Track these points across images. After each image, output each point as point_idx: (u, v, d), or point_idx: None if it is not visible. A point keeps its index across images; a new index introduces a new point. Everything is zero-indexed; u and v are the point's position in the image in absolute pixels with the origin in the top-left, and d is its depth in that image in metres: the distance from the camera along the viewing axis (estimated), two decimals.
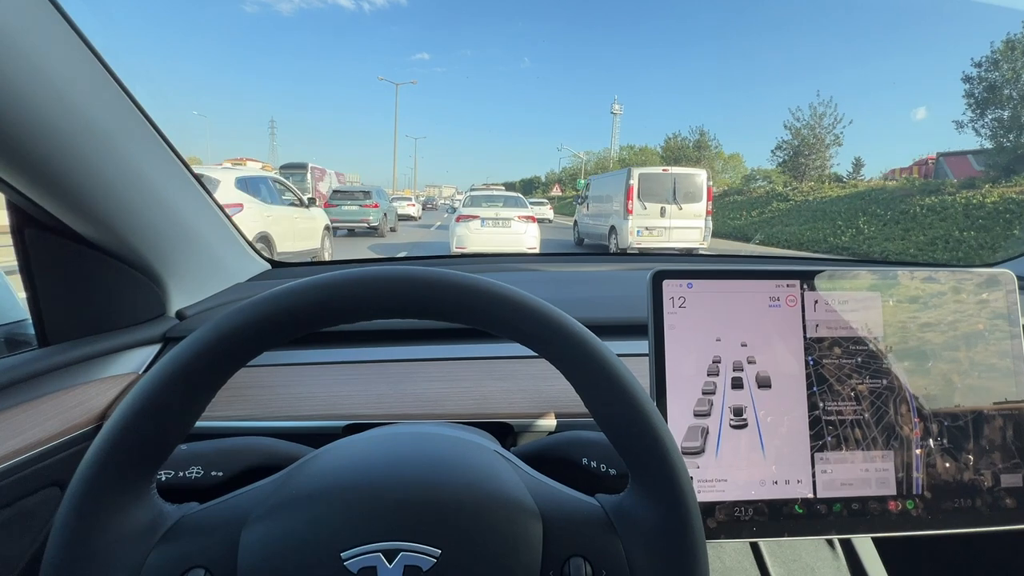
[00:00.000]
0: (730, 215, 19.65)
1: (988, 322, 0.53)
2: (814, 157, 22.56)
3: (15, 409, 0.54)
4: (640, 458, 0.34)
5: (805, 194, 18.46)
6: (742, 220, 18.73)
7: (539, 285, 1.00)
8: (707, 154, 30.98)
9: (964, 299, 0.53)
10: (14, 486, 0.51)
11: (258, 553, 0.33)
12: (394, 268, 0.33)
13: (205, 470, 0.49)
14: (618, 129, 59.89)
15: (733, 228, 18.36)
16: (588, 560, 0.34)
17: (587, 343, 0.34)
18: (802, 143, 22.95)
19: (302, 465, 0.39)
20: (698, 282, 0.51)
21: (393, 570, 0.32)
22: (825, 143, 22.65)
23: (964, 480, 0.51)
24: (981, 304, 0.54)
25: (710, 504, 0.48)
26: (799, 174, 22.33)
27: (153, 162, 0.67)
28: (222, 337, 0.32)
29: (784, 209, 17.97)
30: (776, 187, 20.89)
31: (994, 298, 0.54)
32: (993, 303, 0.54)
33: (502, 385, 0.68)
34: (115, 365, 0.67)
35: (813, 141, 22.62)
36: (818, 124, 22.56)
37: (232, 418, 0.62)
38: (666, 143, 33.14)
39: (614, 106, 61.58)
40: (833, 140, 22.62)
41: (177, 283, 0.76)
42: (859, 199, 15.72)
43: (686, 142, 31.81)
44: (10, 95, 0.46)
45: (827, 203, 16.62)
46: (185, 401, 0.32)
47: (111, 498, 0.31)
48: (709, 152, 31.19)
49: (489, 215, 8.20)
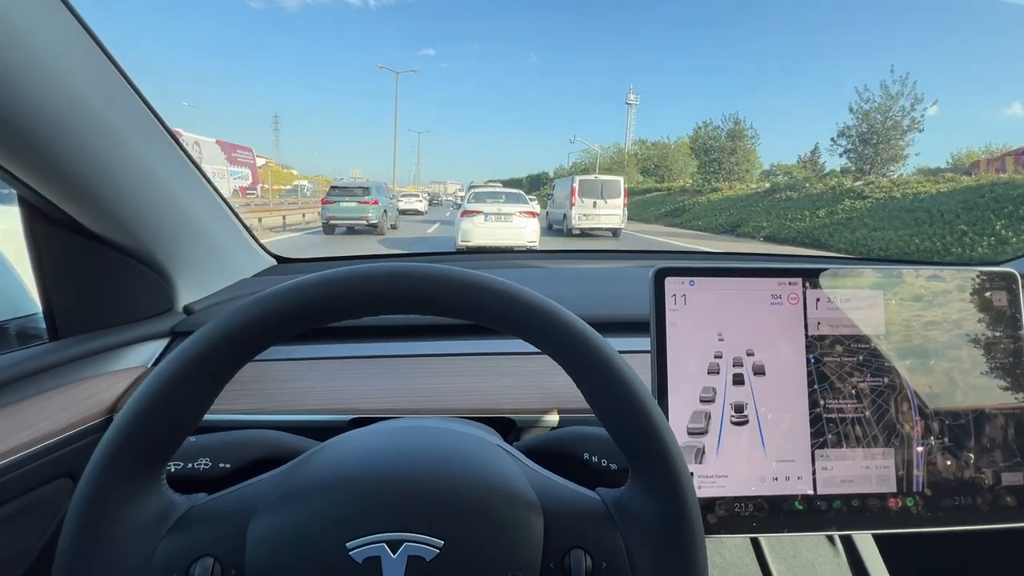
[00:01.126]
0: (788, 216, 16.10)
1: (991, 321, 0.53)
2: (886, 146, 19.22)
3: (28, 401, 0.55)
4: (640, 453, 0.34)
5: (887, 190, 14.49)
6: (807, 222, 15.18)
7: (542, 282, 1.01)
8: (742, 145, 27.14)
9: (967, 298, 0.53)
10: (27, 476, 0.52)
11: (265, 543, 0.33)
12: (398, 264, 0.34)
13: (213, 462, 0.50)
14: (633, 120, 56.69)
15: (797, 232, 14.78)
16: (588, 552, 0.34)
17: (589, 339, 0.34)
18: (871, 129, 19.52)
19: (308, 457, 0.39)
20: (700, 279, 0.51)
21: (397, 560, 0.33)
22: (902, 128, 19.08)
23: (965, 478, 0.51)
24: (985, 303, 0.54)
25: (710, 500, 0.49)
26: (866, 165, 19.29)
27: (161, 158, 0.68)
28: (230, 332, 0.32)
29: (863, 208, 14.09)
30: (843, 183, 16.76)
31: (998, 297, 0.54)
32: (997, 302, 0.54)
33: (505, 381, 0.69)
34: (124, 359, 0.68)
35: (888, 126, 19.18)
36: (892, 106, 19.02)
37: (240, 411, 0.63)
38: (695, 133, 29.44)
39: (629, 96, 58.44)
40: (911, 125, 19.05)
41: (185, 278, 0.77)
42: (971, 195, 11.60)
43: (718, 132, 28.05)
44: (21, 93, 0.47)
45: (926, 201, 12.59)
46: (194, 395, 0.33)
47: (122, 488, 0.32)
48: (744, 144, 27.24)
49: (492, 211, 8.75)
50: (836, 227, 14.00)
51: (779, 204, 17.54)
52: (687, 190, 27.14)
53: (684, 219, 21.42)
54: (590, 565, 0.34)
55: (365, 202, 11.92)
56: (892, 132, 19.38)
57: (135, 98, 0.62)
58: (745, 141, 27.50)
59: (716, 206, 21.14)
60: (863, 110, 19.91)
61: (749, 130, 27.89)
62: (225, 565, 0.33)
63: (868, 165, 19.44)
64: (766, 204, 18.14)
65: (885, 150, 19.41)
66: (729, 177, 26.48)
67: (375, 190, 12.39)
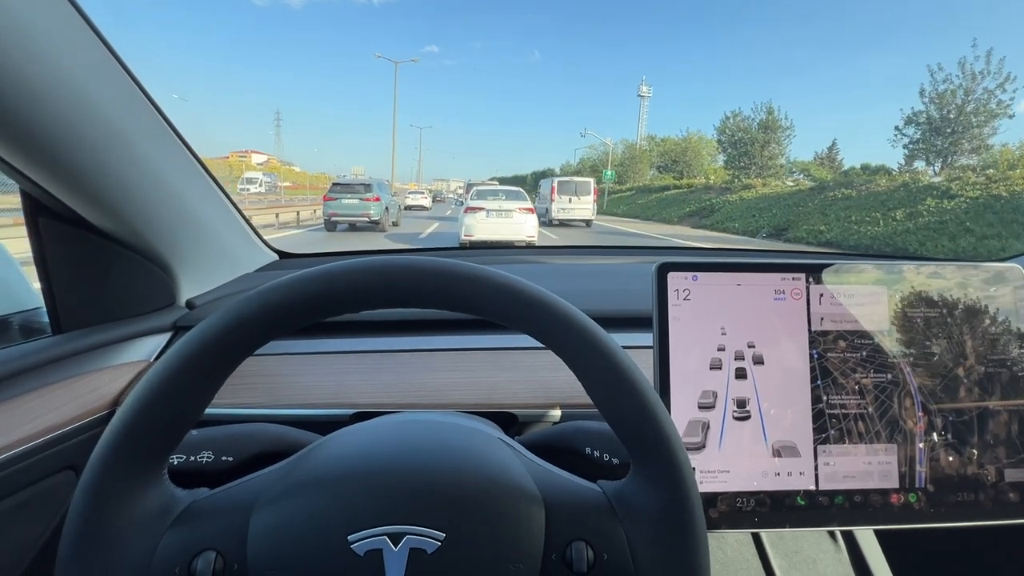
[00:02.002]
0: (852, 218, 13.26)
1: (995, 317, 0.53)
2: (967, 134, 16.22)
3: (31, 394, 0.55)
4: (642, 447, 0.34)
5: (983, 187, 11.66)
6: (881, 226, 12.33)
7: (545, 277, 1.00)
8: (775, 136, 24.61)
9: (972, 294, 0.53)
10: (30, 469, 0.52)
11: (267, 536, 0.33)
12: (399, 258, 0.34)
13: (216, 455, 0.50)
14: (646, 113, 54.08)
15: (871, 238, 12.07)
16: (590, 544, 0.34)
17: (591, 333, 0.34)
18: (946, 115, 16.55)
19: (310, 451, 0.39)
20: (703, 275, 0.51)
21: (398, 553, 0.33)
22: (990, 112, 16.12)
23: (968, 474, 0.51)
24: (989, 299, 0.53)
25: (712, 495, 0.49)
26: (935, 156, 16.59)
27: (164, 153, 0.68)
28: (231, 325, 0.32)
29: (956, 209, 11.41)
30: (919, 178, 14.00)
31: (1001, 293, 0.53)
32: (1000, 298, 0.53)
33: (507, 376, 0.68)
34: (126, 353, 0.68)
35: (970, 111, 16.29)
36: (976, 87, 16.06)
37: (242, 405, 0.63)
38: (722, 124, 26.76)
39: (641, 87, 55.77)
40: (999, 109, 16.02)
41: (187, 273, 0.77)
42: None
43: (748, 123, 25.61)
44: (22, 86, 0.47)
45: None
46: (196, 387, 0.33)
47: (125, 482, 0.32)
48: (777, 135, 24.64)
49: (493, 207, 9.34)
50: (926, 232, 11.39)
51: (834, 204, 15.01)
52: (712, 187, 24.62)
53: (715, 220, 19.42)
54: (591, 557, 0.34)
55: (367, 199, 12.02)
56: (975, 117, 16.38)
57: (137, 91, 0.62)
58: (779, 133, 24.73)
59: (752, 205, 19.03)
60: (937, 92, 16.82)
61: (783, 121, 24.86)
62: (227, 559, 0.33)
63: (940, 158, 16.53)
64: (818, 204, 15.70)
65: (966, 139, 16.40)
66: (762, 173, 24.08)
67: (377, 187, 12.49)
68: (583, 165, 52.02)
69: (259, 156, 74.21)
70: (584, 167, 51.37)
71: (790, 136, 25.24)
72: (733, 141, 26.11)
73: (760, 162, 24.77)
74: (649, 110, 55.39)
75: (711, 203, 21.61)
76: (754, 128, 25.26)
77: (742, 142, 25.52)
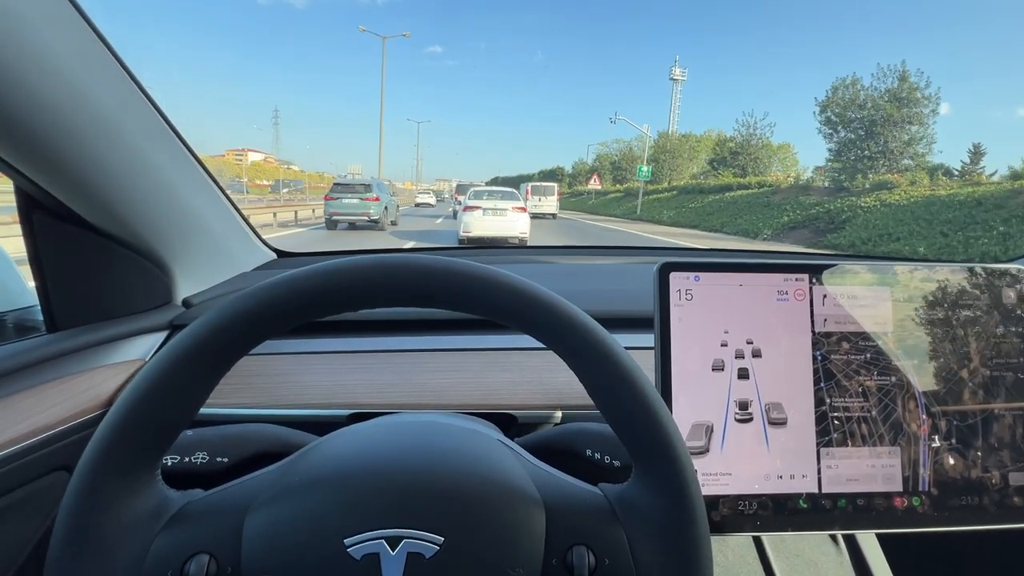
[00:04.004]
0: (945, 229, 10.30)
1: (1000, 319, 0.53)
2: None
3: (23, 393, 0.55)
4: (644, 449, 0.34)
5: None
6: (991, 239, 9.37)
7: (547, 277, 1.00)
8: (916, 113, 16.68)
9: (976, 295, 0.53)
10: (23, 469, 0.51)
11: (262, 539, 0.33)
12: (396, 256, 0.33)
13: (210, 456, 0.50)
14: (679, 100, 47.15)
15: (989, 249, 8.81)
16: (591, 548, 0.34)
17: (593, 334, 0.33)
18: None
19: (306, 453, 0.39)
20: (705, 275, 0.51)
21: (396, 557, 0.32)
22: None
23: (972, 477, 0.50)
24: (994, 301, 0.53)
25: (714, 498, 0.48)
26: None
27: (160, 150, 0.67)
28: (226, 323, 0.32)
29: None
30: None
31: (1006, 295, 0.53)
32: (1006, 300, 0.53)
33: (507, 376, 0.68)
34: (122, 352, 0.67)
35: None
36: None
37: (238, 405, 0.63)
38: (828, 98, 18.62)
39: (674, 70, 48.86)
40: None
41: (184, 271, 0.77)
42: None
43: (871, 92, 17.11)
44: (17, 82, 0.46)
45: None
46: (190, 386, 0.32)
47: (117, 483, 0.31)
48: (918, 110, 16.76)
49: (489, 206, 10.33)
50: None
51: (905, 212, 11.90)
52: (811, 187, 17.50)
53: (854, 237, 12.86)
54: (592, 562, 0.33)
55: (367, 199, 12.39)
56: None
57: (134, 88, 0.61)
58: (919, 107, 16.42)
59: (913, 213, 12.61)
60: None
61: (923, 89, 16.22)
62: (221, 562, 0.32)
63: None
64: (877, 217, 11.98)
65: None
66: (894, 167, 16.60)
67: (376, 187, 12.88)
68: (600, 163, 47.40)
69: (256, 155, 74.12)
70: (602, 164, 46.67)
71: (934, 111, 16.70)
72: (844, 120, 17.83)
73: (897, 149, 16.89)
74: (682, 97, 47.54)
75: (828, 210, 15.18)
76: (880, 99, 17.04)
77: (857, 121, 17.53)
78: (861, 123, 17.82)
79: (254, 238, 0.99)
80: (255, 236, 0.99)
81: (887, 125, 16.96)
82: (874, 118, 17.42)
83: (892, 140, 17.06)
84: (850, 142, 18.10)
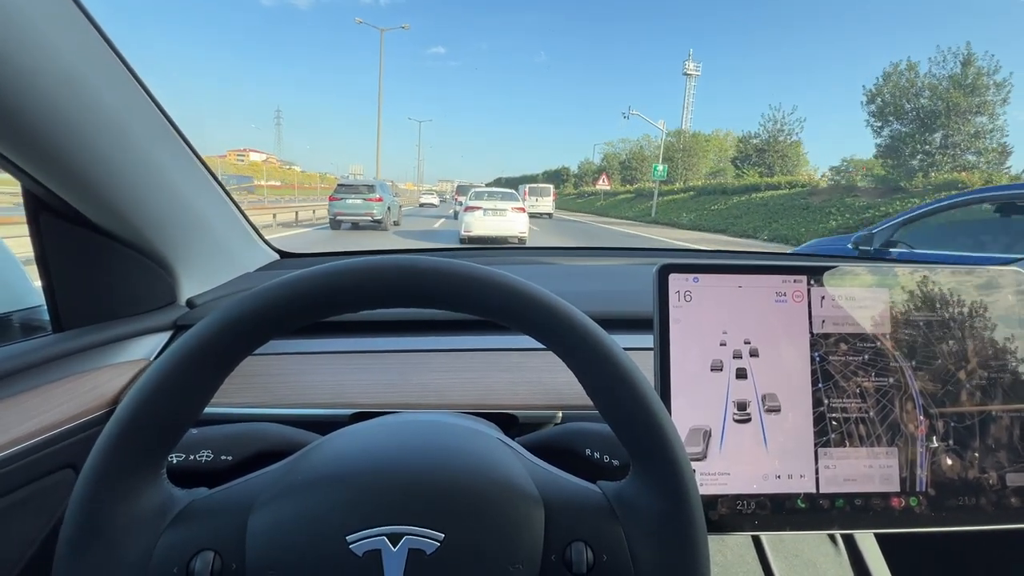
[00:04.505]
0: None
1: (998, 321, 0.53)
2: None
3: (30, 393, 0.55)
4: (642, 449, 0.34)
5: None
6: None
7: (547, 278, 1.00)
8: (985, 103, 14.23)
9: (974, 297, 0.53)
10: (29, 467, 0.52)
11: (266, 537, 0.33)
12: (399, 258, 0.34)
13: (215, 454, 0.50)
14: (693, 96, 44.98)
15: None
16: (589, 545, 0.34)
17: (592, 334, 0.34)
18: None
19: (309, 451, 0.39)
20: (704, 276, 0.51)
21: (397, 553, 0.32)
22: None
23: (969, 478, 0.51)
24: (992, 302, 0.53)
25: (712, 497, 0.49)
26: None
27: (165, 151, 0.68)
28: (230, 324, 0.32)
29: None
30: None
31: (1004, 297, 0.53)
32: (1003, 301, 0.53)
33: (507, 376, 0.68)
34: (127, 351, 0.68)
35: None
36: None
37: (242, 405, 0.63)
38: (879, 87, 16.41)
39: (687, 65, 46.56)
40: None
41: (188, 272, 0.77)
42: None
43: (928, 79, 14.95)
44: (24, 85, 0.47)
45: None
46: (194, 387, 0.33)
47: (123, 481, 0.32)
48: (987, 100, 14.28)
49: (489, 207, 10.70)
50: None
51: None
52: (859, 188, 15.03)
53: None
54: (591, 558, 0.34)
55: (370, 199, 12.52)
56: None
57: (139, 89, 0.62)
58: (986, 95, 13.94)
59: None
60: None
61: (990, 76, 13.82)
62: (226, 559, 0.33)
63: None
64: None
65: None
66: (958, 164, 14.45)
67: (379, 188, 13.01)
68: (609, 162, 45.29)
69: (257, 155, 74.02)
70: (610, 164, 44.50)
71: (1005, 100, 13.89)
72: (897, 110, 15.28)
73: (963, 143, 14.55)
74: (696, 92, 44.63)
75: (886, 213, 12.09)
76: (943, 87, 14.43)
77: (911, 112, 14.98)
78: (918, 114, 15.28)
79: (257, 239, 0.99)
80: (258, 237, 1.00)
81: (951, 116, 14.34)
82: (935, 108, 14.80)
83: (956, 133, 14.58)
84: (907, 135, 15.53)
